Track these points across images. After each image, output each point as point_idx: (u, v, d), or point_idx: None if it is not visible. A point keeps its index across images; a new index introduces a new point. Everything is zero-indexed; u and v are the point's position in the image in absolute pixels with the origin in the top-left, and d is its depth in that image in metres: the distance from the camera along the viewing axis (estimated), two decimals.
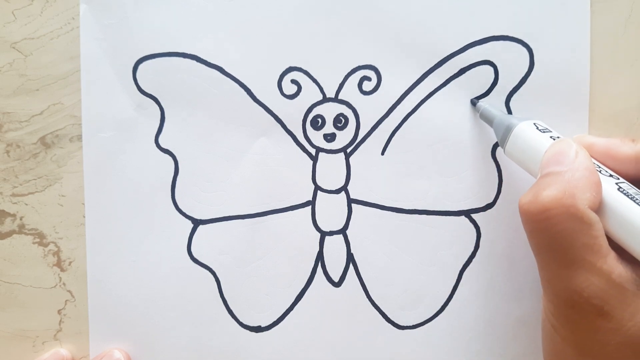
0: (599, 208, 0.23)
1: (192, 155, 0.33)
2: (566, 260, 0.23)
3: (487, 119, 0.31)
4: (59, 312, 0.34)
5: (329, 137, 0.33)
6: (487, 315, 0.32)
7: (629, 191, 0.24)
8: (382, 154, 0.33)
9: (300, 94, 0.32)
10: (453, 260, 0.32)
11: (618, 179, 0.25)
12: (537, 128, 0.28)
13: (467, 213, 0.32)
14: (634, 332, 0.22)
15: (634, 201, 0.23)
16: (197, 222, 0.33)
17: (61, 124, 0.33)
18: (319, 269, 0.33)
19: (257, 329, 0.33)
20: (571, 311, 0.24)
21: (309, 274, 0.33)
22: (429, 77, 0.32)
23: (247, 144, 0.33)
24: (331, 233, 0.33)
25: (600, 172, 0.25)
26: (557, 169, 0.24)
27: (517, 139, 0.28)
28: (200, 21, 0.32)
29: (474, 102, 0.32)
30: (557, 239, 0.23)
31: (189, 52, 0.32)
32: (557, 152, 0.25)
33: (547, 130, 0.28)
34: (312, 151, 0.33)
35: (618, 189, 0.24)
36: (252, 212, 0.33)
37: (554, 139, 0.27)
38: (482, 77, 0.32)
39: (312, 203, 0.33)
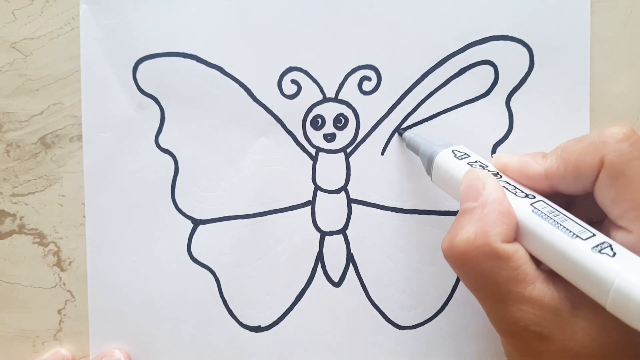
0: (518, 232, 0.24)
1: (192, 155, 0.33)
2: (495, 296, 0.23)
3: (413, 149, 0.31)
4: (59, 312, 0.34)
5: (329, 137, 0.33)
6: None
7: (542, 210, 0.24)
8: (382, 154, 0.33)
9: (300, 94, 0.32)
10: None
11: (534, 197, 0.25)
12: (455, 155, 0.28)
13: None
14: (578, 351, 0.22)
15: (547, 220, 0.23)
16: (197, 222, 0.33)
17: (61, 124, 0.33)
18: (319, 269, 0.33)
19: (257, 329, 0.33)
20: (514, 340, 0.24)
21: (309, 274, 0.33)
22: (429, 77, 0.32)
23: (247, 144, 0.33)
24: (331, 233, 0.33)
25: (515, 194, 0.25)
26: (469, 205, 0.24)
27: (439, 168, 0.28)
28: (200, 21, 0.32)
29: (400, 132, 0.32)
30: (481, 278, 0.23)
31: (189, 52, 0.32)
32: (467, 185, 0.25)
33: (464, 156, 0.28)
34: (312, 151, 0.33)
35: (532, 211, 0.24)
36: (252, 212, 0.33)
37: (472, 165, 0.27)
38: (482, 77, 0.32)
39: (312, 203, 0.33)
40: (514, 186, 0.25)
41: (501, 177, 0.26)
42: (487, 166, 0.27)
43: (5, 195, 0.33)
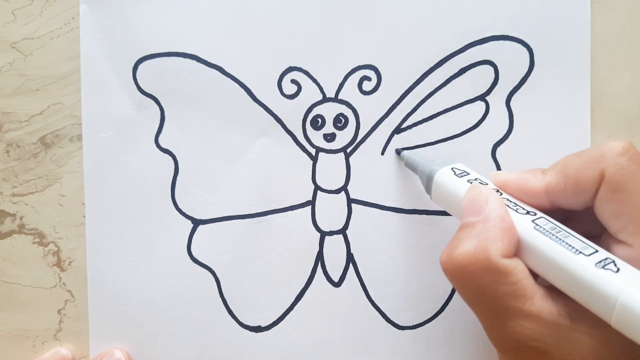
0: (519, 249, 0.23)
1: (192, 155, 0.33)
2: (494, 311, 0.23)
3: (411, 167, 0.31)
4: (59, 312, 0.34)
5: (329, 137, 0.33)
6: None
7: (544, 227, 0.23)
8: (382, 154, 0.33)
9: (300, 94, 0.32)
10: None
11: (535, 214, 0.25)
12: (455, 173, 0.28)
13: None
14: None
15: (550, 237, 0.23)
16: (197, 222, 0.33)
17: (61, 124, 0.33)
18: (319, 269, 0.33)
19: (257, 329, 0.33)
20: (513, 355, 0.24)
21: (309, 274, 0.33)
22: (429, 76, 0.32)
23: (247, 144, 0.33)
24: (331, 233, 0.33)
25: (517, 210, 0.25)
26: (470, 219, 0.24)
27: (438, 187, 0.28)
28: (200, 21, 0.32)
29: (398, 151, 0.32)
30: (479, 292, 0.23)
31: (189, 52, 0.32)
32: (470, 201, 0.25)
33: (464, 174, 0.28)
34: (312, 151, 0.33)
35: (534, 227, 0.23)
36: (252, 212, 0.33)
37: (471, 182, 0.27)
38: (482, 77, 0.32)
39: (312, 203, 0.33)
40: (515, 203, 0.25)
41: (501, 194, 0.26)
42: (486, 184, 0.27)
43: (5, 195, 0.33)
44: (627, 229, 0.22)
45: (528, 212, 0.25)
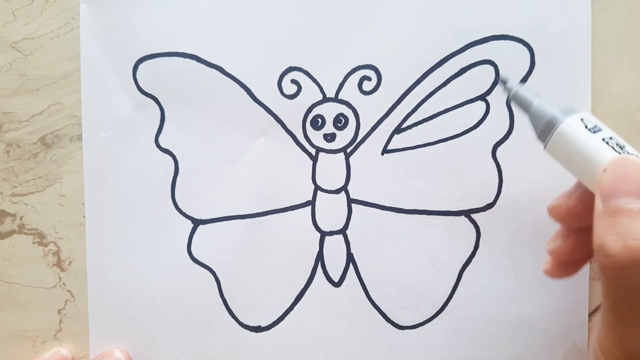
0: None
1: (192, 155, 0.33)
2: None
3: (521, 104, 0.26)
4: (59, 312, 0.34)
5: (329, 137, 0.33)
6: (487, 315, 0.32)
7: None
8: (382, 154, 0.33)
9: (300, 93, 0.32)
10: (453, 260, 0.32)
11: None
12: (587, 127, 0.23)
13: (467, 213, 0.32)
14: None
15: None
16: (197, 222, 0.33)
17: (61, 124, 0.33)
18: (319, 269, 0.33)
19: (257, 329, 0.33)
20: None
21: (309, 274, 0.33)
22: (429, 76, 0.32)
23: (247, 144, 0.33)
24: (331, 233, 0.33)
25: None
26: (632, 202, 0.21)
27: (563, 139, 0.24)
28: (200, 21, 0.32)
29: (504, 80, 0.27)
30: None
31: (189, 52, 0.32)
32: (625, 177, 0.21)
33: (597, 129, 0.24)
34: (312, 151, 0.33)
35: None
36: (252, 212, 0.33)
37: (607, 143, 0.23)
38: (482, 76, 0.32)
39: (312, 203, 0.33)
40: None
41: None
42: (624, 146, 0.23)
43: (5, 195, 0.33)
44: None
45: None
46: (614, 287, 0.21)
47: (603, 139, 0.23)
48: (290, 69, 0.32)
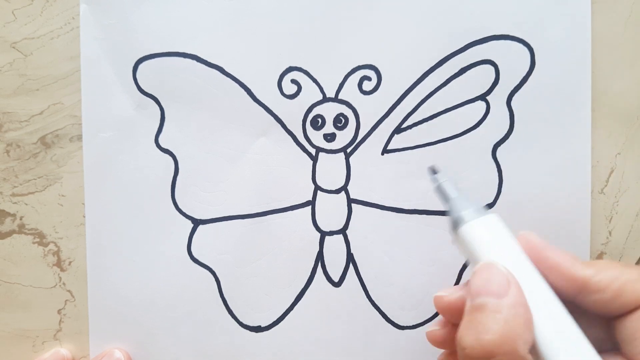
0: (534, 348, 0.22)
1: (192, 155, 0.33)
2: None
3: (440, 197, 0.27)
4: (59, 312, 0.34)
5: (329, 137, 0.33)
6: None
7: (566, 333, 0.22)
8: (382, 154, 0.33)
9: (300, 93, 0.32)
10: (453, 260, 0.32)
11: (557, 312, 0.23)
12: (486, 230, 0.25)
13: None
14: None
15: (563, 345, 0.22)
16: (197, 222, 0.33)
17: (61, 124, 0.33)
18: (319, 269, 0.33)
19: (257, 329, 0.33)
20: None
21: (309, 274, 0.33)
22: (429, 76, 0.32)
23: (247, 144, 0.33)
24: (331, 233, 0.33)
25: (537, 298, 0.23)
26: (491, 301, 0.22)
27: (462, 242, 0.25)
28: (200, 21, 0.32)
29: (433, 170, 0.28)
30: None
31: (189, 52, 0.32)
32: (487, 280, 0.23)
33: (495, 232, 0.25)
34: (312, 151, 0.33)
35: (555, 331, 0.22)
36: (252, 212, 0.33)
37: (494, 250, 0.24)
38: (483, 76, 0.32)
39: (312, 203, 0.33)
40: (535, 286, 0.23)
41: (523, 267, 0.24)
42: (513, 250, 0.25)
43: (5, 195, 0.33)
44: None
45: (553, 306, 0.23)
46: None
47: (495, 243, 0.24)
48: (290, 69, 0.32)
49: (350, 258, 0.33)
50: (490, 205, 0.32)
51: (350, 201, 0.33)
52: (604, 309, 0.23)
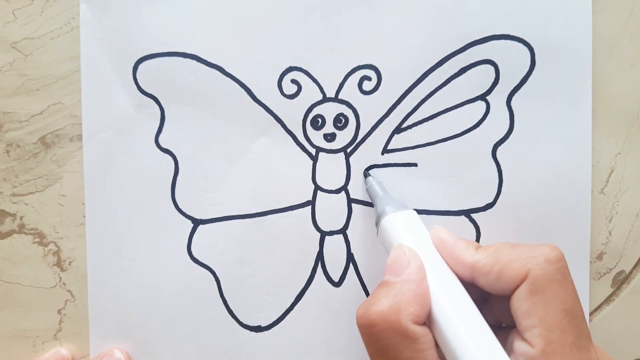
0: (429, 318, 0.24)
1: (192, 155, 0.33)
2: None
3: (370, 196, 0.31)
4: (59, 312, 0.34)
5: (329, 137, 0.33)
6: None
7: (456, 304, 0.24)
8: (382, 153, 0.33)
9: (301, 93, 0.32)
10: None
11: (457, 289, 0.25)
12: (402, 223, 0.28)
13: (467, 213, 0.32)
14: None
15: (456, 318, 0.24)
16: (197, 222, 0.33)
17: (61, 124, 0.33)
18: (319, 268, 0.33)
19: (257, 329, 0.33)
20: None
21: (309, 273, 0.33)
22: (429, 76, 0.32)
23: (247, 144, 0.33)
24: (331, 233, 0.33)
25: (440, 278, 0.25)
26: (391, 278, 0.25)
27: (383, 231, 0.28)
28: (200, 21, 0.32)
29: (365, 174, 0.32)
30: (384, 352, 0.24)
31: (189, 52, 0.32)
32: (393, 259, 0.26)
33: (411, 226, 0.28)
34: (312, 151, 0.33)
35: (447, 302, 0.24)
36: (252, 212, 0.33)
37: (412, 236, 0.27)
38: (483, 76, 0.32)
39: (312, 203, 0.33)
40: (443, 270, 0.26)
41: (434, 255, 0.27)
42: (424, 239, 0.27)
43: (5, 195, 0.33)
44: (533, 330, 0.23)
45: (450, 284, 0.25)
46: (365, 345, 0.25)
47: (410, 234, 0.27)
48: (290, 69, 0.32)
49: (350, 258, 0.33)
50: (490, 205, 0.32)
51: (350, 201, 0.33)
52: (494, 290, 0.25)
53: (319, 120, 0.33)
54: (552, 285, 0.24)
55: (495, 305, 0.27)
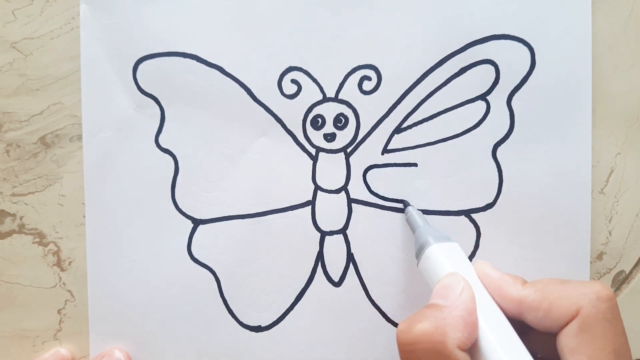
0: (473, 347, 0.24)
1: (192, 155, 0.33)
2: None
3: (411, 226, 0.31)
4: (59, 312, 0.34)
5: (329, 137, 0.33)
6: None
7: (501, 338, 0.24)
8: (383, 153, 0.33)
9: (301, 93, 0.32)
10: None
11: (501, 322, 0.25)
12: (447, 254, 0.28)
13: (467, 213, 0.32)
14: None
15: (500, 350, 0.23)
16: (197, 222, 0.33)
17: (61, 124, 0.33)
18: (319, 268, 0.33)
19: (257, 329, 0.33)
20: None
21: (309, 273, 0.33)
22: (429, 76, 0.32)
23: (247, 144, 0.33)
24: (331, 233, 0.33)
25: (486, 311, 0.25)
26: (440, 302, 0.25)
27: (427, 260, 0.28)
28: (200, 21, 0.32)
29: (405, 204, 0.32)
30: None
31: (189, 52, 0.32)
32: (445, 285, 0.25)
33: (455, 257, 0.28)
34: (312, 151, 0.33)
35: (492, 335, 0.24)
36: (252, 212, 0.33)
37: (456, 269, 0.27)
38: (483, 76, 0.32)
39: (312, 203, 0.33)
40: (489, 303, 0.26)
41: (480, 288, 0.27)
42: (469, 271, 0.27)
43: (5, 195, 0.33)
44: None
45: (498, 317, 0.25)
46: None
47: (455, 265, 0.27)
48: (290, 69, 0.32)
49: (350, 258, 0.33)
50: (490, 205, 0.32)
51: (350, 201, 0.33)
52: (542, 326, 0.25)
53: (319, 120, 0.33)
54: (603, 323, 0.23)
55: (533, 339, 0.27)
